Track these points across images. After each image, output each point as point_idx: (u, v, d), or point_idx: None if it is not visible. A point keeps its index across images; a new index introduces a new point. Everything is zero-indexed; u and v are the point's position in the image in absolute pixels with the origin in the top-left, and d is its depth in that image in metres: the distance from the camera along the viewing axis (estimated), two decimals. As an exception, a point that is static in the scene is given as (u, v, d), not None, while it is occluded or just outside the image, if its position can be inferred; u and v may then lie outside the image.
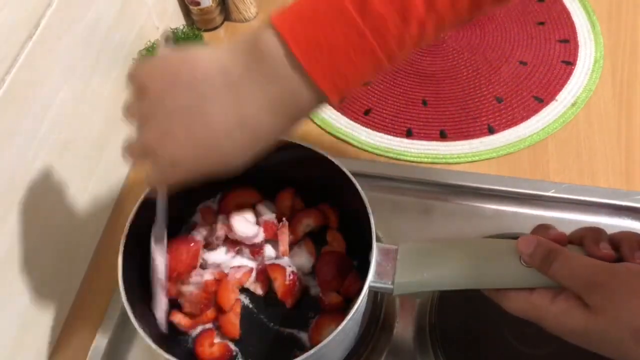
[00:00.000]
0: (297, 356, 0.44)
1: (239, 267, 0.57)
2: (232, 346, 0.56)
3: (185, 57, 0.38)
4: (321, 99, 0.36)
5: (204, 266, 0.58)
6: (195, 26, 0.84)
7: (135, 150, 0.41)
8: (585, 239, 0.41)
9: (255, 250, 0.58)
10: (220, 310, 0.56)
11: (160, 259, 0.52)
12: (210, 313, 0.56)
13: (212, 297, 0.56)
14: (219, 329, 0.56)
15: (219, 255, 0.58)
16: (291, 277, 0.55)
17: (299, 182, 0.61)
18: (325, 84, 0.35)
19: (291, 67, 0.35)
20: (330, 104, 0.37)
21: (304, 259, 0.58)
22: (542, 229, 0.43)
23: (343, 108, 0.77)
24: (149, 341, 0.46)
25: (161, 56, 0.40)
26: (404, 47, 0.36)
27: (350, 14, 0.34)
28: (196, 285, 0.55)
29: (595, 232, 0.41)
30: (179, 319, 0.55)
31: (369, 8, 0.34)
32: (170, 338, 0.56)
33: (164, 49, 0.41)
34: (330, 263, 0.56)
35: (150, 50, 0.70)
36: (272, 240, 0.59)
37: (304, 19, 0.35)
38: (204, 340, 0.55)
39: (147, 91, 0.38)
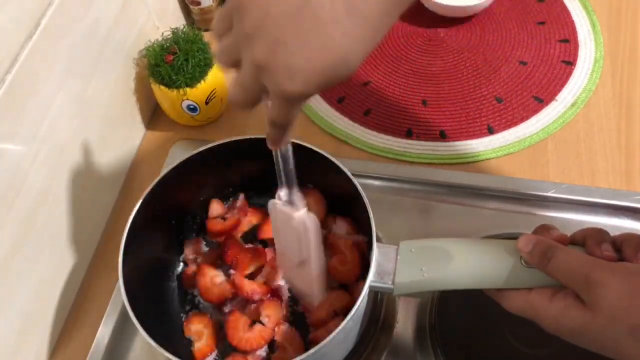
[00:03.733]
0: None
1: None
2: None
3: None
4: None
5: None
6: (196, 26, 0.84)
7: (246, 76, 0.37)
8: (587, 240, 0.41)
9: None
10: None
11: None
12: None
13: None
14: None
15: None
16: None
17: (299, 182, 0.61)
18: None
19: None
20: None
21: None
22: (544, 229, 0.43)
23: (343, 108, 0.77)
24: (149, 340, 0.46)
25: None
26: None
27: None
28: None
29: (598, 233, 0.41)
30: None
31: None
32: (170, 337, 0.56)
33: None
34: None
35: (150, 50, 0.70)
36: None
37: None
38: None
39: (246, 8, 0.36)
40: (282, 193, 0.49)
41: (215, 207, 0.62)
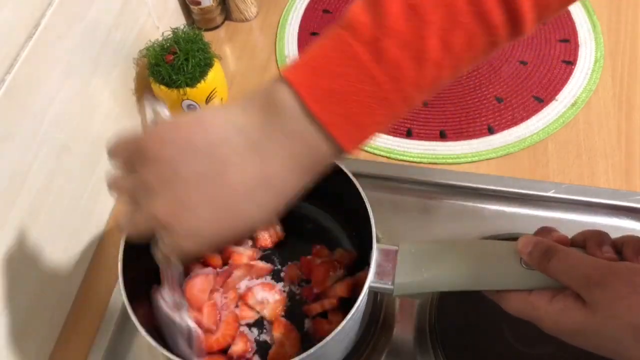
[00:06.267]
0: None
1: None
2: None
3: (195, 120, 0.36)
4: (339, 149, 0.35)
5: None
6: (196, 26, 0.84)
7: (142, 224, 0.36)
8: (588, 242, 0.41)
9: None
10: None
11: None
12: None
13: None
14: None
15: None
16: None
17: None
18: (343, 135, 0.34)
19: (307, 120, 0.33)
20: (348, 154, 0.35)
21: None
22: (545, 231, 0.43)
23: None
24: (149, 340, 0.46)
25: (164, 123, 0.37)
26: (422, 90, 0.35)
27: (363, 62, 0.33)
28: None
29: (598, 235, 0.41)
30: None
31: (383, 55, 0.33)
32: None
33: (155, 122, 0.40)
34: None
35: (150, 50, 0.70)
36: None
37: (316, 70, 0.34)
38: None
39: (153, 160, 0.35)
40: (166, 294, 0.48)
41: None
